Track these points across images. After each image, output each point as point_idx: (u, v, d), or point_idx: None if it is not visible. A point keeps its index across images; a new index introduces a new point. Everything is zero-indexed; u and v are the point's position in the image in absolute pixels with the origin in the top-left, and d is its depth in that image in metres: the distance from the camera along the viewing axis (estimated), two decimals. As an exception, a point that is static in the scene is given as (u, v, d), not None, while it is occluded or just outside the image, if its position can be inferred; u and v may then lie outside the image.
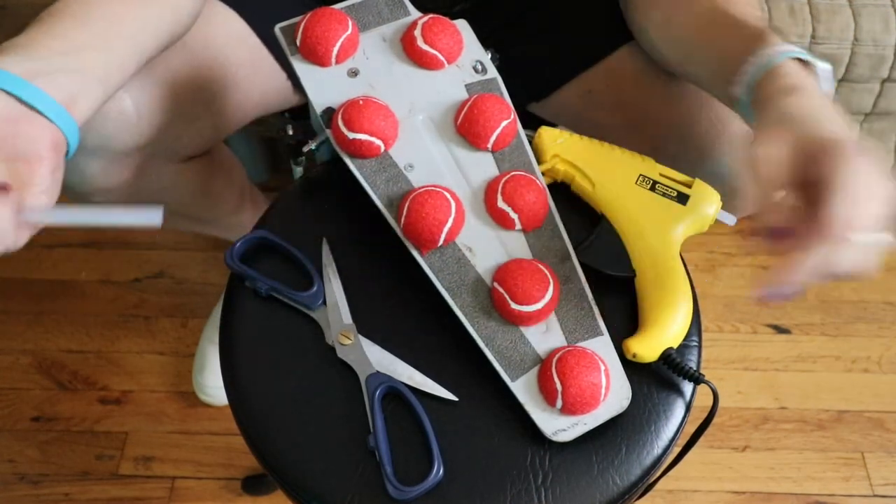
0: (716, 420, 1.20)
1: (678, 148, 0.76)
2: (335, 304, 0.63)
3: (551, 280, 0.61)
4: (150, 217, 0.55)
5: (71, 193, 0.76)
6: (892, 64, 1.13)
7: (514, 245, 0.64)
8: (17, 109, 0.53)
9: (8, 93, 0.53)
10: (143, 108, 0.70)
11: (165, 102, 0.72)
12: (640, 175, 0.67)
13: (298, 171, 0.81)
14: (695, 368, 0.62)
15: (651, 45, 0.76)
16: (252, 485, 1.11)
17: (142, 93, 0.70)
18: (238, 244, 0.65)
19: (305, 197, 0.71)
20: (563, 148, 0.68)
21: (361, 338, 0.62)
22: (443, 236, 0.62)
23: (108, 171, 0.73)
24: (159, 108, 0.72)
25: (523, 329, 0.61)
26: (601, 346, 0.60)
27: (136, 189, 0.78)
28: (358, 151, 0.65)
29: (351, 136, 0.64)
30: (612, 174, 0.67)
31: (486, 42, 0.75)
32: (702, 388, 0.62)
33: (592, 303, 0.62)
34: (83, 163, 0.71)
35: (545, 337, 0.61)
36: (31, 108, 0.54)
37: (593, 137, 0.71)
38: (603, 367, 0.58)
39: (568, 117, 0.89)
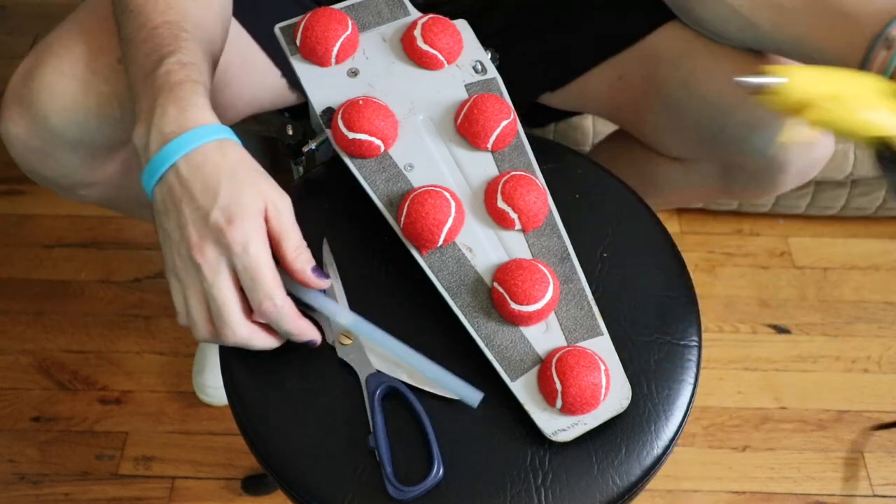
0: (716, 420, 1.21)
1: (724, 125, 0.75)
2: (336, 303, 0.63)
3: (551, 280, 0.61)
4: (470, 396, 0.58)
5: (55, 186, 0.76)
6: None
7: (514, 245, 0.64)
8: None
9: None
10: (126, 104, 0.69)
11: None
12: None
13: (299, 171, 0.81)
14: None
15: (724, 12, 0.72)
16: (252, 485, 1.11)
17: (126, 89, 0.70)
18: None
19: (305, 197, 0.71)
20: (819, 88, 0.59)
21: (362, 338, 0.62)
22: (442, 236, 0.62)
23: (91, 164, 0.73)
24: None
25: (523, 329, 0.61)
26: (601, 346, 0.61)
27: (123, 184, 0.77)
28: (358, 151, 0.65)
29: (351, 136, 0.64)
30: (868, 97, 0.59)
31: (505, 29, 0.73)
32: (702, 387, 0.61)
33: (592, 303, 0.62)
34: (65, 156, 0.71)
35: (545, 337, 0.61)
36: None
37: (625, 122, 0.68)
38: (603, 367, 0.58)
39: (593, 104, 0.87)
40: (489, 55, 0.72)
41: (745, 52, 0.75)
